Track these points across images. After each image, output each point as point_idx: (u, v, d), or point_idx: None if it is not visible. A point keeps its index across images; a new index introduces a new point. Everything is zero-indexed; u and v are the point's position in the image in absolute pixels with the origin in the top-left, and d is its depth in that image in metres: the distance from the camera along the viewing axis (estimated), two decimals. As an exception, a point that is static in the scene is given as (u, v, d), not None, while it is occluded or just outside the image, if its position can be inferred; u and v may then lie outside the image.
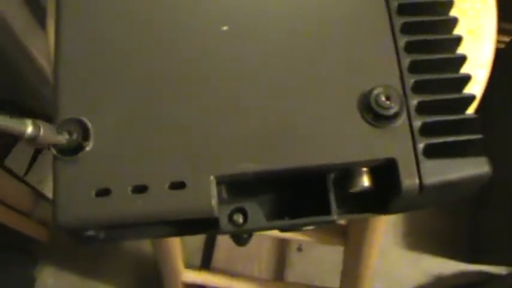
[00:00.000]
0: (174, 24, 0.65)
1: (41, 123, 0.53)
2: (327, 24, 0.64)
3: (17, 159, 1.64)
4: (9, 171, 1.57)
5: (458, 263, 1.81)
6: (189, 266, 1.51)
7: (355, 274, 1.37)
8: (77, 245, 0.65)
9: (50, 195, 1.62)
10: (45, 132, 0.54)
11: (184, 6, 0.66)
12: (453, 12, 0.65)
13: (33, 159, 1.64)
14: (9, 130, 0.49)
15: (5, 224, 1.42)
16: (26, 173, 1.63)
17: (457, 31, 0.65)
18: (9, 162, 1.63)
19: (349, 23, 0.64)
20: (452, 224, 1.85)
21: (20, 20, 1.40)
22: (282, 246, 1.81)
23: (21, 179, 1.61)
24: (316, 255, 1.81)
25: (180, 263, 1.45)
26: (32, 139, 0.52)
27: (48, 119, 0.59)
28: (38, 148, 1.63)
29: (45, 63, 1.45)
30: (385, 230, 1.77)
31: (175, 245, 1.38)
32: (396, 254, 1.82)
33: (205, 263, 1.77)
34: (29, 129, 0.52)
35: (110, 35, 0.65)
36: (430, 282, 1.79)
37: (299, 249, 1.82)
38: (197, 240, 1.81)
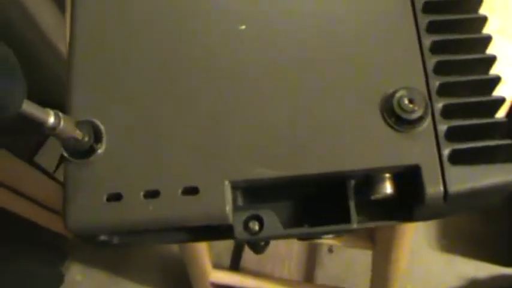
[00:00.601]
0: (190, 24, 0.63)
1: (62, 115, 0.53)
2: (349, 23, 0.62)
3: (47, 156, 1.64)
4: (39, 168, 1.57)
5: (494, 266, 1.77)
6: (217, 266, 1.50)
7: (384, 277, 1.34)
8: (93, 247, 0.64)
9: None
10: (65, 124, 0.53)
11: (202, 5, 0.63)
12: (482, 10, 0.62)
13: (63, 156, 1.63)
14: (33, 117, 0.50)
15: (31, 219, 1.43)
16: (56, 170, 1.63)
17: (486, 30, 0.62)
18: (39, 159, 1.63)
19: (372, 21, 0.61)
20: (488, 225, 1.81)
21: (48, 16, 1.39)
22: (313, 247, 1.79)
23: (50, 176, 1.61)
24: (347, 257, 1.78)
25: (207, 264, 1.44)
26: (53, 129, 0.52)
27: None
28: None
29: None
30: (417, 232, 1.74)
31: (202, 246, 1.37)
32: (429, 256, 1.78)
33: (235, 264, 1.75)
34: (51, 119, 0.52)
35: (124, 36, 0.63)
36: (464, 286, 1.75)
37: (330, 250, 1.79)
38: (226, 241, 1.79)
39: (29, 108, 0.49)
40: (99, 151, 0.59)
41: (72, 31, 0.64)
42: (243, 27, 0.62)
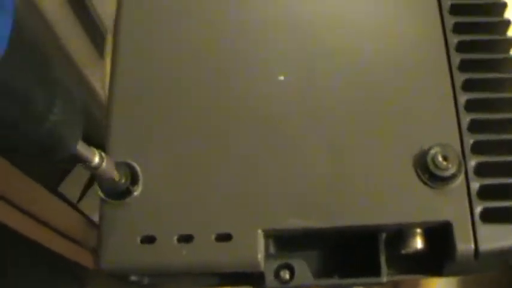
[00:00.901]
0: (230, 72, 0.64)
1: (105, 156, 0.54)
2: (386, 78, 0.63)
3: (71, 186, 1.65)
4: (63, 198, 1.59)
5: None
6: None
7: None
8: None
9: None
10: (107, 165, 0.54)
11: (242, 54, 0.65)
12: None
13: (87, 187, 1.65)
14: (81, 155, 0.51)
15: (53, 249, 1.44)
16: (79, 200, 1.64)
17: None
18: (63, 188, 1.64)
19: (409, 77, 0.62)
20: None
21: (80, 50, 1.41)
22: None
23: (73, 206, 1.62)
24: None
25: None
26: (95, 168, 0.53)
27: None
28: (92, 177, 1.64)
29: (103, 93, 1.46)
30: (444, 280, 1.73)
31: None
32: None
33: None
34: (96, 159, 0.53)
35: (164, 82, 0.65)
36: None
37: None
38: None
39: (80, 146, 0.50)
40: (135, 193, 0.60)
41: (113, 74, 0.65)
42: (282, 77, 0.63)
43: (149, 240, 0.59)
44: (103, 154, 0.53)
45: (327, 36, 0.65)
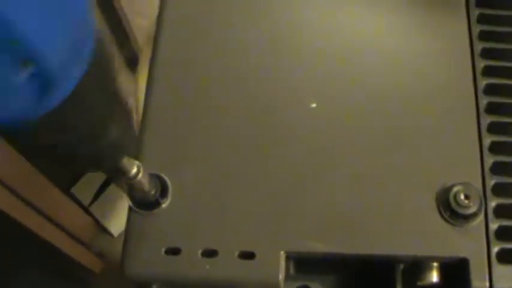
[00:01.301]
0: (263, 97, 0.66)
1: (141, 168, 0.56)
2: (415, 114, 0.64)
3: (84, 189, 1.67)
4: (74, 200, 1.60)
5: None
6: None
7: None
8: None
9: (111, 229, 1.65)
10: (143, 177, 0.56)
11: (277, 78, 0.67)
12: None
13: (99, 192, 1.66)
14: (122, 166, 0.54)
15: (61, 250, 1.45)
16: (90, 204, 1.66)
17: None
18: (75, 191, 1.66)
19: (437, 116, 0.64)
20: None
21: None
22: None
23: (85, 209, 1.64)
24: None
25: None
26: (131, 178, 0.55)
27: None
28: (106, 181, 1.67)
29: (130, 104, 1.48)
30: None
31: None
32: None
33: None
34: (134, 170, 0.55)
35: (200, 99, 0.67)
36: None
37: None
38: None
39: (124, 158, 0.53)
40: (164, 205, 0.62)
41: (149, 89, 0.67)
42: (314, 105, 0.65)
43: (174, 252, 0.60)
44: (140, 166, 0.55)
45: (358, 67, 0.67)
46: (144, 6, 1.37)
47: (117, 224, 1.65)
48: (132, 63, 1.42)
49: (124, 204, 1.62)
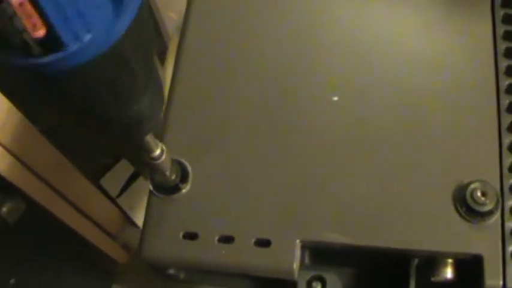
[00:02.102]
0: (285, 88, 0.67)
1: (165, 150, 0.57)
2: (435, 111, 0.65)
3: (112, 181, 1.68)
4: (103, 191, 1.62)
5: None
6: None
7: None
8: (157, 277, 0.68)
9: (138, 221, 1.67)
10: (166, 159, 0.58)
11: (301, 71, 0.68)
12: None
13: (128, 184, 1.68)
14: (147, 144, 0.55)
15: (89, 240, 1.47)
16: (118, 196, 1.67)
17: None
18: (104, 182, 1.68)
19: (457, 114, 0.64)
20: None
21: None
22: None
23: (112, 201, 1.65)
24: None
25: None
26: (154, 159, 0.57)
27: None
28: (134, 174, 1.68)
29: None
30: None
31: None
32: None
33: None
34: (158, 151, 0.56)
35: (223, 89, 0.68)
36: None
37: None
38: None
39: (149, 136, 0.54)
40: (184, 190, 0.63)
41: (175, 77, 0.69)
42: (336, 98, 0.65)
43: (191, 236, 0.62)
44: (164, 148, 0.56)
45: (381, 63, 0.68)
46: (176, 1, 1.39)
47: (144, 216, 1.66)
48: (161, 55, 1.44)
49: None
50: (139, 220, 1.67)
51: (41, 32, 0.36)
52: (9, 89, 1.02)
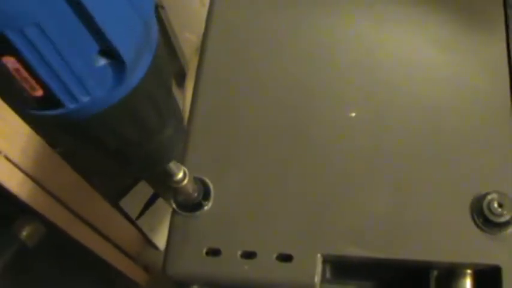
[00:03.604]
0: (304, 105, 0.68)
1: (187, 172, 0.58)
2: (452, 124, 0.66)
3: (132, 203, 1.70)
4: (122, 213, 1.63)
5: None
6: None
7: None
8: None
9: (157, 243, 1.68)
10: (188, 182, 0.59)
11: (317, 91, 0.69)
12: None
13: (147, 205, 1.70)
14: (170, 170, 0.56)
15: (109, 262, 1.48)
16: (138, 218, 1.69)
17: None
18: (124, 204, 1.69)
19: (474, 125, 0.65)
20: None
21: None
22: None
23: (132, 222, 1.67)
24: None
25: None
26: (177, 182, 0.58)
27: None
28: (153, 195, 1.69)
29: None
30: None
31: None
32: None
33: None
34: (180, 175, 0.58)
35: (242, 106, 0.70)
36: None
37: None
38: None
39: (172, 162, 0.55)
40: (206, 207, 0.64)
41: (195, 95, 0.70)
42: (353, 114, 0.67)
43: (214, 252, 0.63)
44: (186, 171, 0.58)
45: (399, 80, 0.69)
46: (191, 21, 1.41)
47: (164, 237, 1.66)
48: (179, 77, 1.46)
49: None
50: (159, 241, 1.69)
51: (39, 93, 0.37)
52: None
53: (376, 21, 0.72)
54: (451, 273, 0.61)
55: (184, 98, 0.86)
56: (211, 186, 0.65)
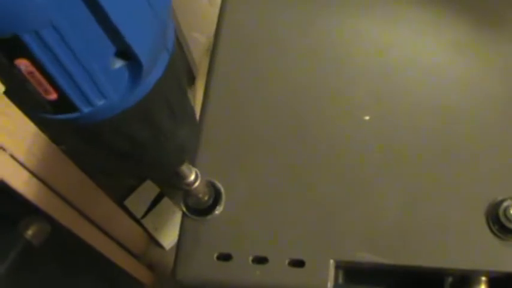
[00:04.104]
0: (317, 109, 0.68)
1: (199, 175, 0.58)
2: (466, 130, 0.65)
3: (137, 202, 1.70)
4: (128, 212, 1.63)
5: None
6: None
7: None
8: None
9: (162, 242, 1.67)
10: (200, 184, 0.58)
11: (330, 94, 0.68)
12: None
13: (152, 205, 1.69)
14: (182, 172, 0.55)
15: (114, 261, 1.47)
16: (143, 217, 1.68)
17: None
18: (129, 203, 1.69)
19: (488, 132, 0.64)
20: None
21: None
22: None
23: (137, 222, 1.66)
24: None
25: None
26: (189, 185, 0.57)
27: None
28: (159, 195, 1.69)
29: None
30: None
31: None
32: None
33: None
34: (192, 177, 0.57)
35: (254, 110, 0.69)
36: None
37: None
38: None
39: (183, 166, 0.54)
40: (217, 212, 0.64)
41: (206, 98, 0.70)
42: (367, 117, 0.66)
43: (225, 257, 0.62)
44: (198, 174, 0.57)
45: (414, 85, 0.68)
46: (200, 22, 1.41)
47: (169, 237, 1.68)
48: (187, 78, 1.45)
49: (176, 217, 1.64)
50: (164, 241, 1.68)
51: (53, 96, 0.36)
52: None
53: (388, 22, 0.72)
54: (465, 280, 0.60)
55: (194, 99, 0.85)
56: (222, 190, 0.64)
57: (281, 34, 0.73)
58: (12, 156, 1.02)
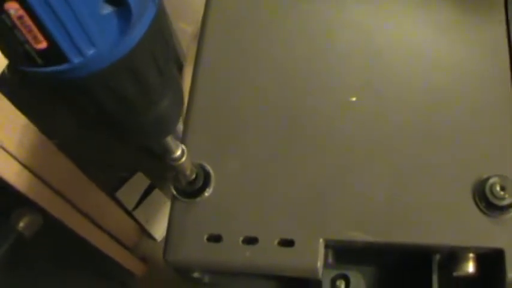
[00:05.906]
0: (304, 91, 0.68)
1: (186, 151, 0.58)
2: (453, 109, 0.65)
3: (128, 194, 1.70)
4: (119, 204, 1.63)
5: None
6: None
7: None
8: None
9: (154, 234, 1.68)
10: (186, 160, 0.58)
11: (317, 75, 0.69)
12: None
13: (144, 197, 1.69)
14: (167, 145, 0.55)
15: (106, 253, 1.47)
16: (135, 209, 1.69)
17: None
18: (120, 195, 1.69)
19: (475, 110, 0.65)
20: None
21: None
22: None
23: (128, 213, 1.66)
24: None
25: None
26: (175, 160, 0.57)
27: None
28: (150, 186, 1.69)
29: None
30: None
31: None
32: None
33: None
34: (178, 152, 0.57)
35: (241, 92, 0.69)
36: None
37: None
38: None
39: (168, 139, 0.54)
40: (206, 194, 0.64)
41: (194, 81, 0.70)
42: (354, 98, 0.66)
43: (215, 239, 0.62)
44: (184, 149, 0.57)
45: (399, 64, 0.69)
46: (188, 12, 1.41)
47: (160, 228, 1.68)
48: (176, 67, 1.45)
49: (167, 209, 1.64)
50: (155, 232, 1.69)
51: (42, 45, 0.36)
52: (26, 104, 1.03)
53: (375, 4, 0.72)
54: (453, 257, 0.61)
55: (183, 86, 0.85)
56: (211, 172, 0.65)
57: (266, 18, 0.73)
58: (3, 147, 1.02)
